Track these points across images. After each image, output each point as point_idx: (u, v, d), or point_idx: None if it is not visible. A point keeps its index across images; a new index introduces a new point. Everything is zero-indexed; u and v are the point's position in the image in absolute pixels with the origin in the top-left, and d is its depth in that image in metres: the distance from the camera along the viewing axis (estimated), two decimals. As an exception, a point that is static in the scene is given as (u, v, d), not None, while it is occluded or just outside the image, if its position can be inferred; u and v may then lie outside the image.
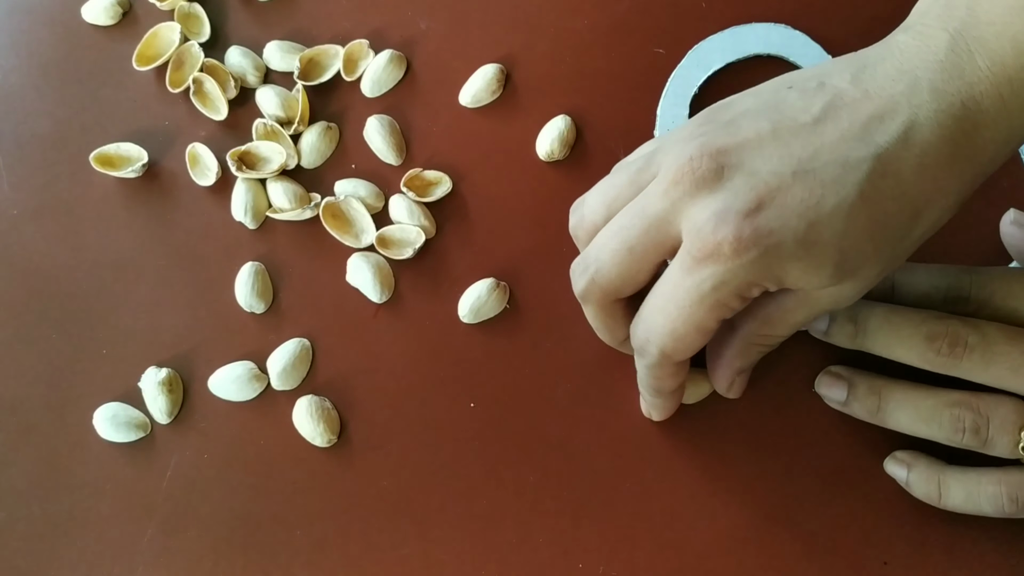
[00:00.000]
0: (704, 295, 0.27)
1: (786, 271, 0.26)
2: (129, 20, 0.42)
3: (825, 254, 0.26)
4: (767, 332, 0.30)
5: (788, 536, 0.35)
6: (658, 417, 0.35)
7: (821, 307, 0.28)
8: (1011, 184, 0.39)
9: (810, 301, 0.28)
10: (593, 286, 0.30)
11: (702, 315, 0.27)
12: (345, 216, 0.39)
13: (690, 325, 0.28)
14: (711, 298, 0.27)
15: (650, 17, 0.41)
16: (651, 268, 0.29)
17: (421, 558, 0.35)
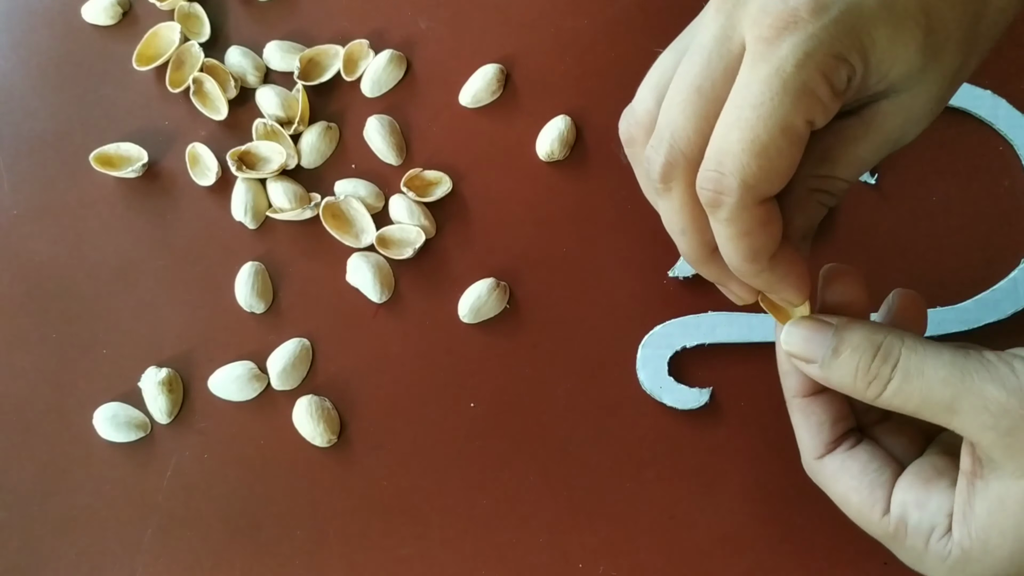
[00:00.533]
0: (786, 79, 0.22)
1: (872, 37, 0.23)
2: (129, 20, 0.42)
3: (909, 15, 0.23)
4: (828, 172, 0.27)
5: (788, 536, 0.35)
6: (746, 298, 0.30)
7: (888, 127, 0.25)
8: (1011, 184, 0.39)
9: (877, 118, 0.25)
10: (674, 154, 0.25)
11: (787, 110, 0.23)
12: (345, 216, 0.39)
13: (775, 128, 0.23)
14: (795, 81, 0.23)
15: (650, 17, 0.41)
16: None
17: (421, 558, 0.35)
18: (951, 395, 0.24)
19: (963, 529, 0.25)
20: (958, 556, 0.25)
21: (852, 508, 0.28)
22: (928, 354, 0.25)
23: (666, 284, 0.38)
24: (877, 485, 0.27)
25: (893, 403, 0.26)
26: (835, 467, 0.28)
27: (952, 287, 0.37)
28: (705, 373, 0.37)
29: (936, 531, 0.26)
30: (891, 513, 0.27)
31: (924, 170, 0.39)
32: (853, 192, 0.39)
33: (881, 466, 0.28)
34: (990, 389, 0.24)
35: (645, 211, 0.39)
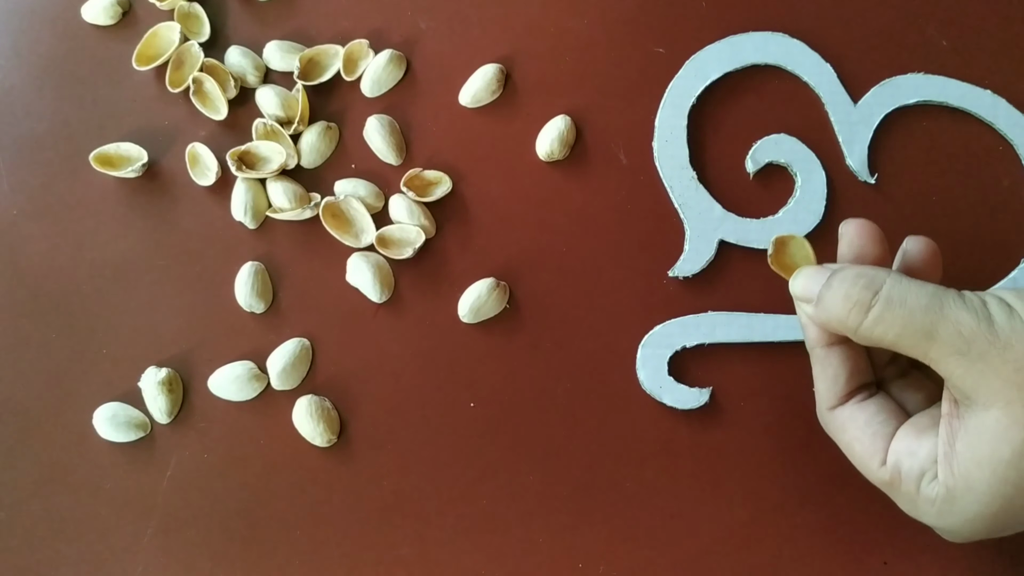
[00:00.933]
0: None
1: None
2: (129, 20, 0.42)
3: None
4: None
5: (788, 536, 0.35)
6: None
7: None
8: (1011, 184, 0.39)
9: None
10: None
11: None
12: (345, 216, 0.39)
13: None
14: None
15: (650, 17, 0.41)
16: None
17: (421, 558, 0.35)
18: (930, 321, 0.26)
19: (946, 469, 0.27)
20: (943, 496, 0.27)
21: (856, 457, 0.30)
22: (912, 285, 0.27)
23: (666, 284, 0.38)
24: (879, 436, 0.29)
25: (875, 331, 0.27)
26: (844, 417, 0.30)
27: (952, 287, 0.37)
28: (705, 373, 0.37)
29: (926, 476, 0.28)
30: (887, 462, 0.29)
31: (924, 170, 0.39)
32: (853, 192, 0.39)
33: (887, 419, 0.30)
34: (964, 316, 0.26)
35: (645, 211, 0.39)
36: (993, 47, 0.40)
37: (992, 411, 0.26)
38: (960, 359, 0.26)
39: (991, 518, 0.27)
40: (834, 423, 0.31)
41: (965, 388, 0.26)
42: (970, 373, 0.26)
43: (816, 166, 0.38)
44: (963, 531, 0.28)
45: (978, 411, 0.26)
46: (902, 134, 0.39)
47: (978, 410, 0.26)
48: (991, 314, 0.26)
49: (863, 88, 0.39)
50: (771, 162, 0.39)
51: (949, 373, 0.26)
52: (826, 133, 0.39)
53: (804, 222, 0.38)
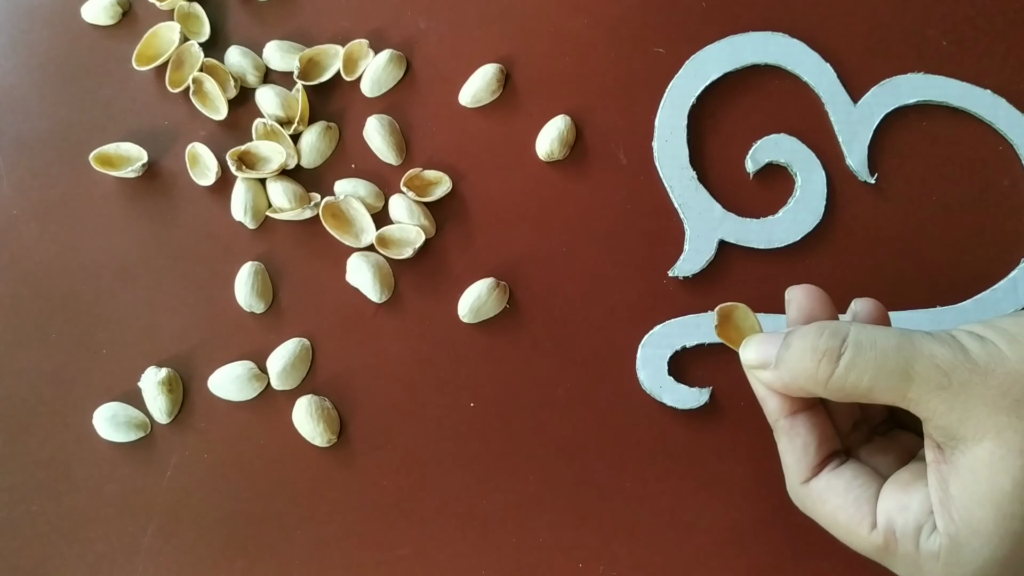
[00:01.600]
0: None
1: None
2: (129, 20, 0.42)
3: None
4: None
5: (788, 536, 0.35)
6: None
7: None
8: (1011, 183, 0.39)
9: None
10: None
11: None
12: (345, 216, 0.39)
13: None
14: None
15: (650, 17, 0.41)
16: None
17: (421, 558, 0.35)
18: (904, 359, 0.25)
19: (945, 517, 0.25)
20: (948, 546, 0.25)
21: (841, 527, 0.28)
22: (877, 329, 0.26)
23: (666, 284, 0.38)
24: (863, 500, 0.27)
25: (849, 379, 0.26)
26: (821, 488, 0.28)
27: (952, 287, 0.37)
28: (705, 373, 0.37)
29: (924, 530, 0.26)
30: (878, 525, 0.27)
31: (924, 170, 0.39)
32: (853, 192, 0.39)
33: (866, 482, 0.28)
34: (938, 348, 0.25)
35: (645, 211, 0.39)
36: (993, 47, 0.40)
37: (984, 444, 0.24)
38: (941, 393, 0.25)
39: (1003, 562, 0.25)
40: (811, 497, 0.29)
41: (950, 426, 0.25)
42: (954, 408, 0.25)
43: (816, 166, 0.38)
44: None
45: (968, 448, 0.25)
46: (902, 134, 0.39)
47: (968, 447, 0.25)
48: (964, 345, 0.25)
49: (863, 88, 0.39)
50: (771, 162, 0.39)
51: (931, 412, 0.25)
52: (826, 133, 0.39)
53: (804, 222, 0.38)
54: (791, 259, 0.38)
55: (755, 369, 0.29)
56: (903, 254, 0.38)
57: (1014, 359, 0.25)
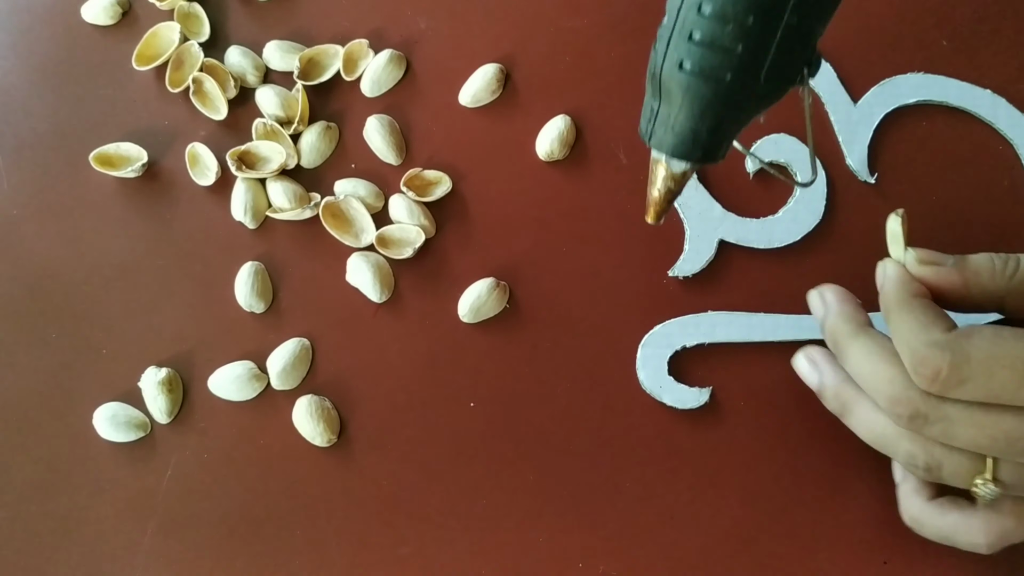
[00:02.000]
0: None
1: None
2: (129, 20, 0.42)
3: None
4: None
5: (788, 536, 0.35)
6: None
7: None
8: (1011, 183, 0.39)
9: None
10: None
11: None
12: (345, 216, 0.39)
13: None
14: None
15: (650, 17, 0.41)
16: None
17: (421, 558, 0.35)
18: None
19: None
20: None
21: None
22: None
23: (666, 284, 0.38)
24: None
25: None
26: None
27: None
28: (705, 373, 0.37)
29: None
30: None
31: (924, 170, 0.39)
32: (853, 192, 0.39)
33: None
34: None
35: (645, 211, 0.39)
36: (993, 47, 0.40)
37: None
38: None
39: None
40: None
41: None
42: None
43: (816, 166, 0.38)
44: None
45: None
46: (902, 134, 0.39)
47: None
48: None
49: (863, 88, 0.39)
50: (771, 162, 0.39)
51: None
52: (826, 133, 0.39)
53: (804, 222, 0.38)
54: (791, 259, 0.38)
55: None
56: (903, 254, 0.38)
57: None
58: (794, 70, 0.25)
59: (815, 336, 0.37)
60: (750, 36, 0.23)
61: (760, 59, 0.24)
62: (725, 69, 0.24)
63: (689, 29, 0.24)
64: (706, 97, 0.25)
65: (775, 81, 0.25)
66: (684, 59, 0.24)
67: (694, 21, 0.24)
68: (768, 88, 0.25)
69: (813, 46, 0.25)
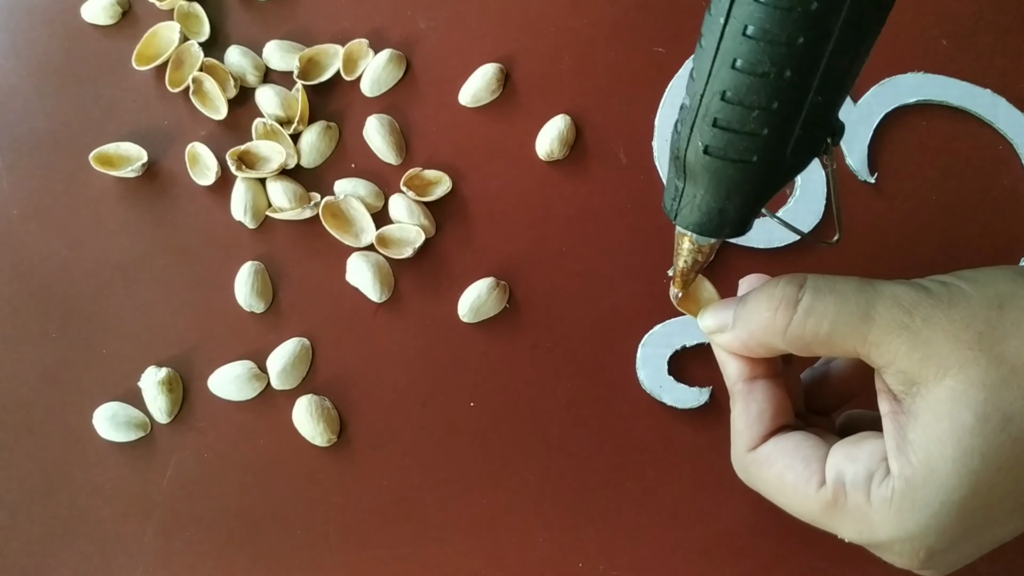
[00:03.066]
0: None
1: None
2: (129, 20, 0.42)
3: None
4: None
5: (788, 536, 0.35)
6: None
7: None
8: (1011, 183, 0.39)
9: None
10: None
11: None
12: (345, 215, 0.39)
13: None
14: None
15: (650, 16, 0.41)
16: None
17: (421, 558, 0.35)
18: (866, 299, 0.25)
19: (901, 459, 0.24)
20: (902, 488, 0.24)
21: (788, 489, 0.27)
22: (834, 277, 0.26)
23: (666, 284, 0.38)
24: (812, 459, 0.26)
25: (807, 326, 0.25)
26: (768, 451, 0.28)
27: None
28: (705, 373, 0.37)
29: (875, 477, 0.25)
30: (827, 480, 0.26)
31: (924, 170, 0.39)
32: (853, 191, 0.39)
33: (816, 443, 0.27)
34: (900, 289, 0.25)
35: (645, 211, 0.39)
36: (993, 47, 0.40)
37: (945, 381, 0.23)
38: (903, 333, 0.24)
39: (960, 505, 0.23)
40: (756, 462, 0.28)
41: (911, 368, 0.24)
42: (916, 347, 0.24)
43: (816, 165, 0.38)
44: (929, 536, 0.24)
45: (930, 389, 0.24)
46: (902, 133, 0.39)
47: (929, 388, 0.24)
48: (926, 286, 0.25)
49: (863, 88, 0.39)
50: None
51: (892, 355, 0.24)
52: (826, 133, 0.39)
53: (804, 222, 0.38)
54: (791, 259, 0.38)
55: (714, 334, 0.28)
56: (903, 254, 0.38)
57: (976, 295, 0.24)
58: (818, 142, 0.25)
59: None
60: (776, 119, 0.23)
61: (786, 138, 0.24)
62: (751, 151, 0.24)
63: (713, 115, 0.24)
64: (733, 178, 0.25)
65: (801, 155, 0.25)
66: (709, 143, 0.24)
67: (718, 107, 0.24)
68: (794, 162, 0.25)
69: (835, 116, 0.25)
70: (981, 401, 0.23)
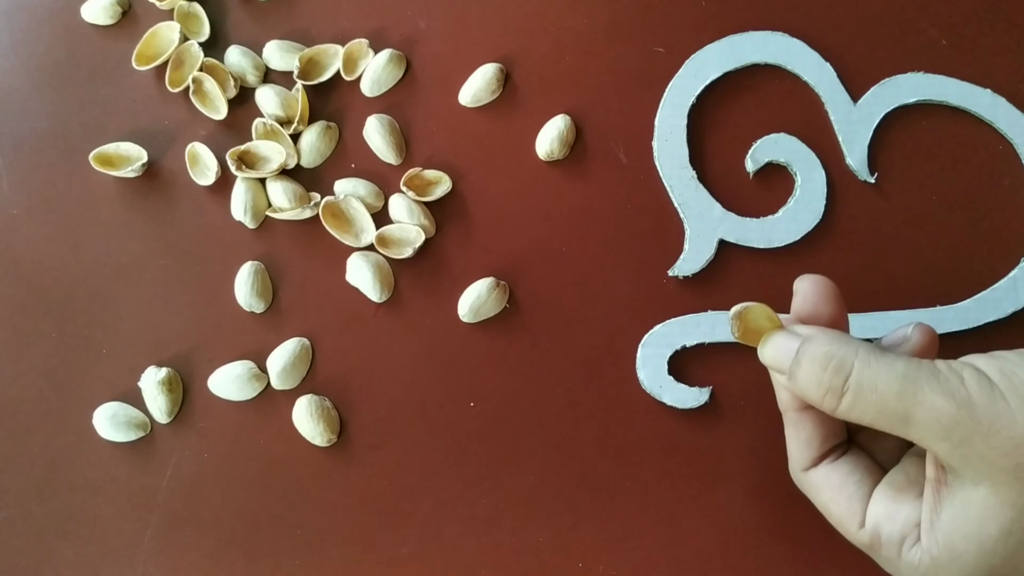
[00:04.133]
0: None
1: None
2: (129, 20, 0.42)
3: None
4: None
5: (788, 536, 0.35)
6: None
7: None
8: (1011, 183, 0.39)
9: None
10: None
11: None
12: (345, 215, 0.39)
13: None
14: None
15: (650, 16, 0.41)
16: None
17: (421, 558, 0.35)
18: (904, 408, 0.25)
19: (931, 537, 0.26)
20: (928, 564, 0.27)
21: (833, 519, 0.30)
22: (881, 368, 0.26)
23: (666, 284, 0.38)
24: (856, 499, 0.29)
25: (852, 415, 0.27)
26: (817, 479, 0.30)
27: (952, 287, 0.37)
28: (705, 373, 0.37)
29: (907, 541, 0.27)
30: (866, 526, 0.28)
31: (924, 170, 0.39)
32: (853, 191, 0.39)
33: (861, 478, 0.29)
34: (940, 402, 0.25)
35: (645, 211, 0.39)
36: (993, 47, 0.40)
37: (980, 488, 0.25)
38: (941, 444, 0.25)
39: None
40: (809, 484, 0.30)
41: (952, 464, 0.25)
42: (954, 455, 0.25)
43: (816, 165, 0.38)
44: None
45: (966, 485, 0.25)
46: (902, 133, 0.39)
47: (966, 484, 0.25)
48: (970, 394, 0.25)
49: (863, 87, 0.39)
50: (771, 161, 0.39)
51: (933, 450, 0.26)
52: (826, 132, 0.39)
53: (804, 222, 0.38)
54: (791, 259, 0.38)
55: (774, 371, 0.30)
56: (903, 254, 0.38)
57: (1020, 418, 0.24)
58: None
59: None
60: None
61: None
62: None
63: None
64: None
65: None
66: None
67: None
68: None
69: None
70: (1009, 519, 0.25)
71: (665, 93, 0.39)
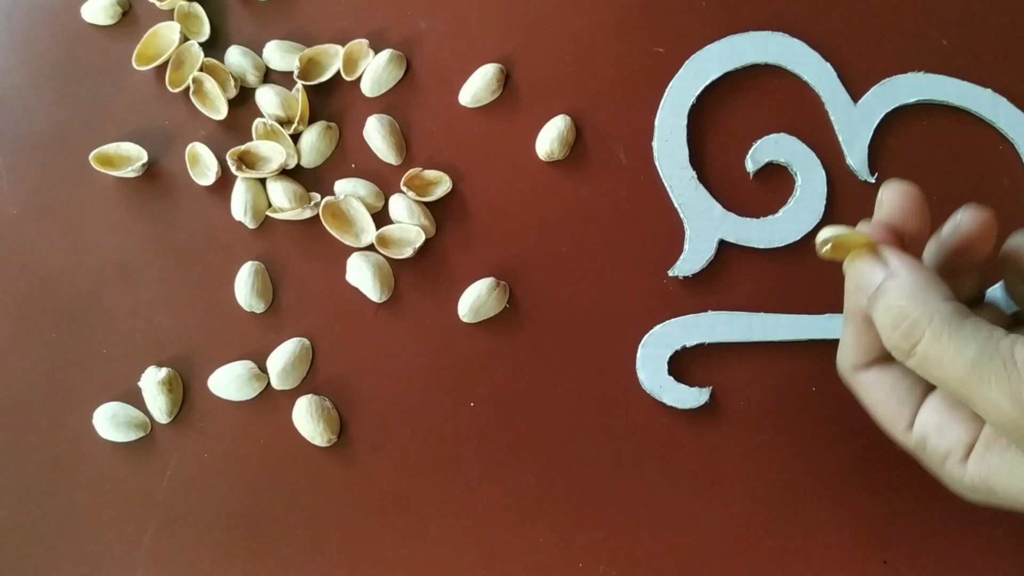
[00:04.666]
0: None
1: None
2: (129, 20, 0.42)
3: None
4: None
5: (788, 536, 0.35)
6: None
7: None
8: (1011, 183, 0.39)
9: None
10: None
11: None
12: (345, 215, 0.39)
13: None
14: None
15: (650, 17, 0.41)
16: None
17: (421, 558, 0.35)
18: (966, 393, 0.25)
19: (976, 467, 0.27)
20: (969, 484, 0.27)
21: (879, 417, 0.29)
22: (950, 348, 0.25)
23: (666, 284, 0.38)
24: (906, 404, 0.29)
25: (918, 372, 0.27)
26: (870, 381, 0.30)
27: (952, 287, 0.37)
28: (705, 373, 0.37)
29: (952, 456, 0.27)
30: (913, 431, 0.28)
31: (924, 170, 0.39)
32: (853, 191, 0.39)
33: (912, 384, 0.29)
34: (1005, 404, 0.24)
35: (645, 211, 0.39)
36: (993, 47, 0.40)
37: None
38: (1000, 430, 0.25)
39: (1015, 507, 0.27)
40: (857, 382, 0.30)
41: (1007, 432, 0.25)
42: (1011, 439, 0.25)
43: (816, 165, 0.38)
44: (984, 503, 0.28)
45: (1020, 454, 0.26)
46: (902, 133, 0.39)
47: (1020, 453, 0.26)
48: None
49: (863, 87, 0.39)
50: (771, 161, 0.39)
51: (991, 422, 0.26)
52: (826, 132, 0.39)
53: (804, 221, 0.38)
54: (791, 259, 0.38)
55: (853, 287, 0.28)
56: (903, 254, 0.38)
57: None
58: None
59: (815, 335, 0.37)
60: None
61: None
62: None
63: None
64: None
65: None
66: None
67: None
68: None
69: None
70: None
71: (665, 93, 0.39)
